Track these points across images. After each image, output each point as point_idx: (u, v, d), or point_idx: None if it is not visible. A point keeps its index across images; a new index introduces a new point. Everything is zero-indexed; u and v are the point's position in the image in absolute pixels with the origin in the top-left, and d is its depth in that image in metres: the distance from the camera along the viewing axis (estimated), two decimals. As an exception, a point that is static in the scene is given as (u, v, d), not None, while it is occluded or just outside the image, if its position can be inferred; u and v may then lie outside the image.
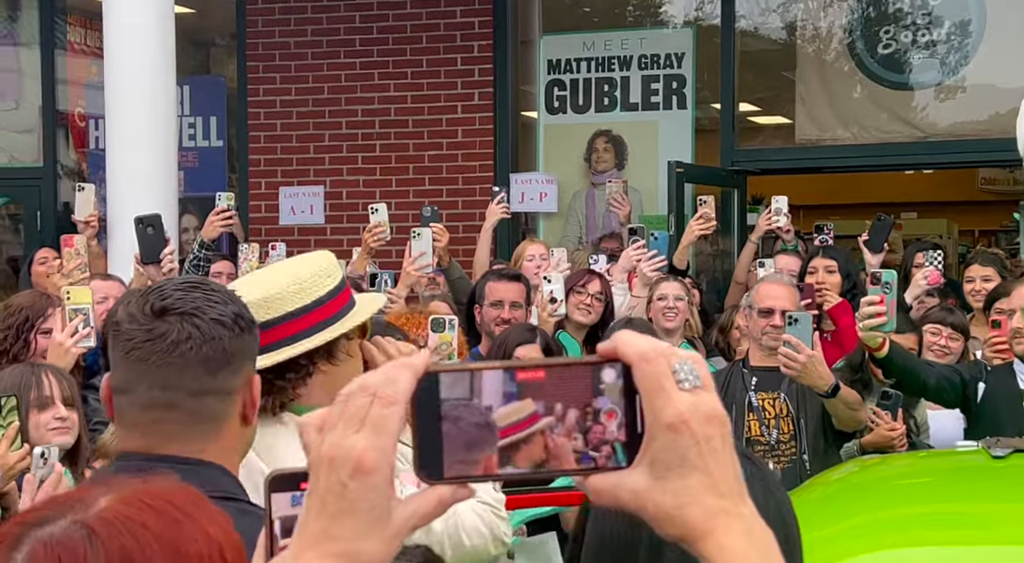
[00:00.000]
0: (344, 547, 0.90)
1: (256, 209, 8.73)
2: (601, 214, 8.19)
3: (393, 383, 0.91)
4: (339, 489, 0.90)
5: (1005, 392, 4.11)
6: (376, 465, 0.90)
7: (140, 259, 4.98)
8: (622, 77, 8.27)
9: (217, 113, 8.99)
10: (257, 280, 2.36)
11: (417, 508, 0.92)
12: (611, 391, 0.92)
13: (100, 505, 1.11)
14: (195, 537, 1.11)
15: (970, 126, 7.82)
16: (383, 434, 0.90)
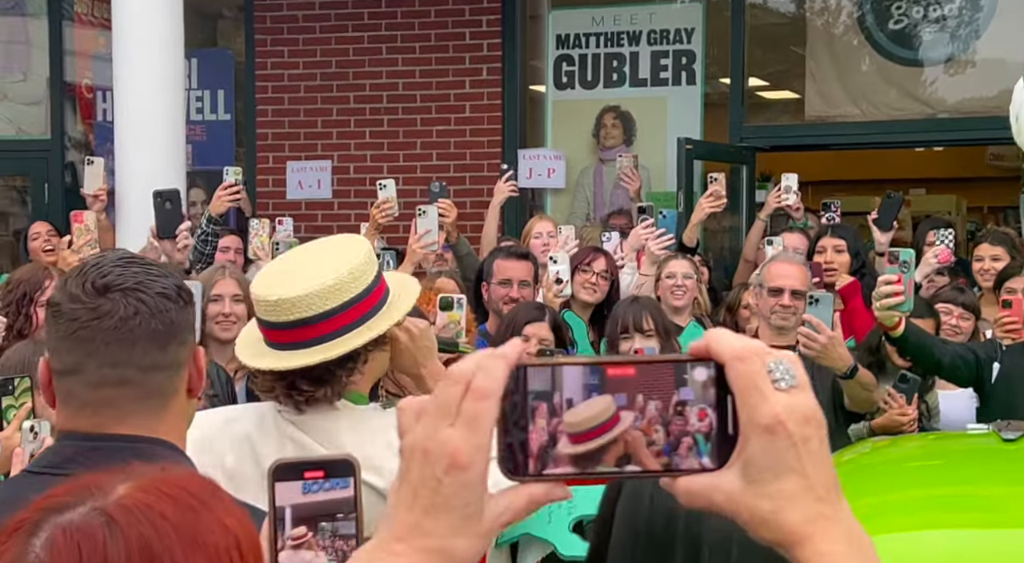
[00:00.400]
0: (438, 543, 0.89)
1: (263, 183, 8.71)
2: (609, 190, 8.17)
3: (486, 374, 0.89)
4: (433, 484, 0.89)
5: (1020, 373, 4.10)
6: (471, 461, 0.89)
7: (156, 233, 4.98)
8: (631, 52, 8.23)
9: (225, 86, 8.96)
10: (311, 264, 2.31)
11: (509, 504, 0.91)
12: (702, 390, 0.90)
13: (119, 492, 1.11)
14: (212, 528, 1.11)
15: (980, 103, 7.77)
16: (478, 429, 0.89)
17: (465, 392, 0.89)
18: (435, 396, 0.90)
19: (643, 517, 1.19)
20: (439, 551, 0.89)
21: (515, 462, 0.91)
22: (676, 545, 1.17)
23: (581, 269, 5.04)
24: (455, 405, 0.89)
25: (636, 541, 1.20)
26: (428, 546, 0.89)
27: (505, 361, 0.90)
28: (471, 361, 0.91)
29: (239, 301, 4.24)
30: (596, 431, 0.90)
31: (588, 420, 0.89)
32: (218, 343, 4.18)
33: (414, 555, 0.89)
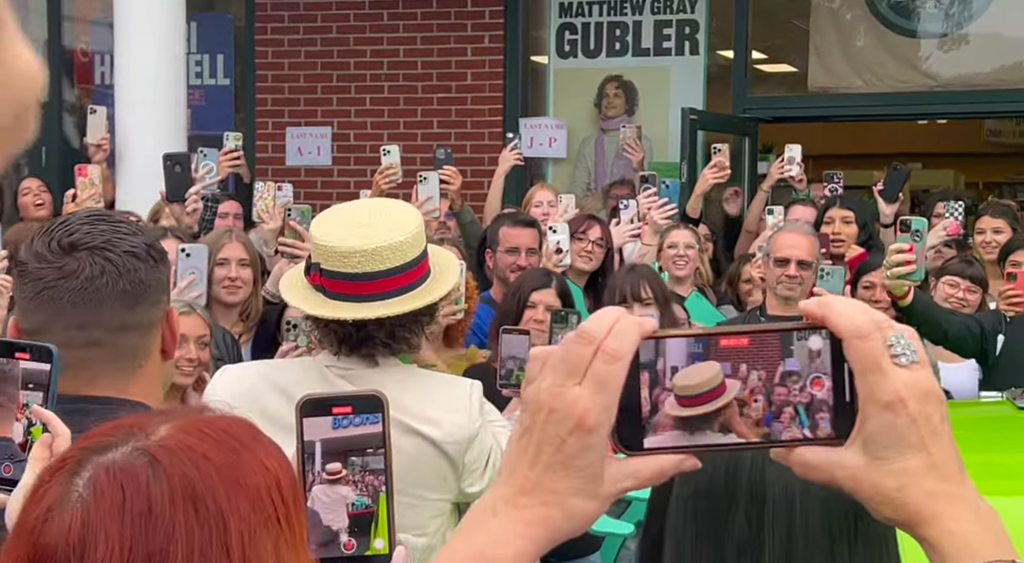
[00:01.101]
0: (558, 500, 0.89)
1: (262, 149, 8.67)
2: (610, 160, 8.14)
3: (620, 338, 0.88)
4: (557, 442, 0.89)
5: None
6: (597, 423, 0.88)
7: (166, 197, 4.95)
8: (634, 21, 8.18)
9: (224, 51, 8.90)
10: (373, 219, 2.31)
11: (634, 471, 0.91)
12: (815, 358, 0.89)
13: (161, 433, 1.10)
14: (254, 469, 1.11)
15: (983, 76, 7.75)
16: (606, 391, 0.88)
17: (596, 352, 0.88)
18: (565, 352, 0.89)
19: (704, 472, 1.18)
20: (560, 507, 0.89)
21: (629, 435, 0.90)
22: (739, 499, 1.16)
23: (576, 237, 5.02)
24: (585, 364, 0.88)
25: (696, 496, 1.19)
26: (550, 501, 0.89)
27: (639, 328, 0.89)
28: (603, 321, 0.90)
29: (245, 265, 4.22)
30: (706, 396, 0.89)
31: (699, 385, 0.89)
32: (223, 306, 4.16)
33: (538, 508, 0.89)
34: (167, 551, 1.04)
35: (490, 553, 0.90)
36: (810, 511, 1.15)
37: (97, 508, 1.05)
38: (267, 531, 1.07)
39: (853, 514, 1.16)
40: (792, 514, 1.15)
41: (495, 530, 0.90)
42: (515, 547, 0.90)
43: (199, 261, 3.88)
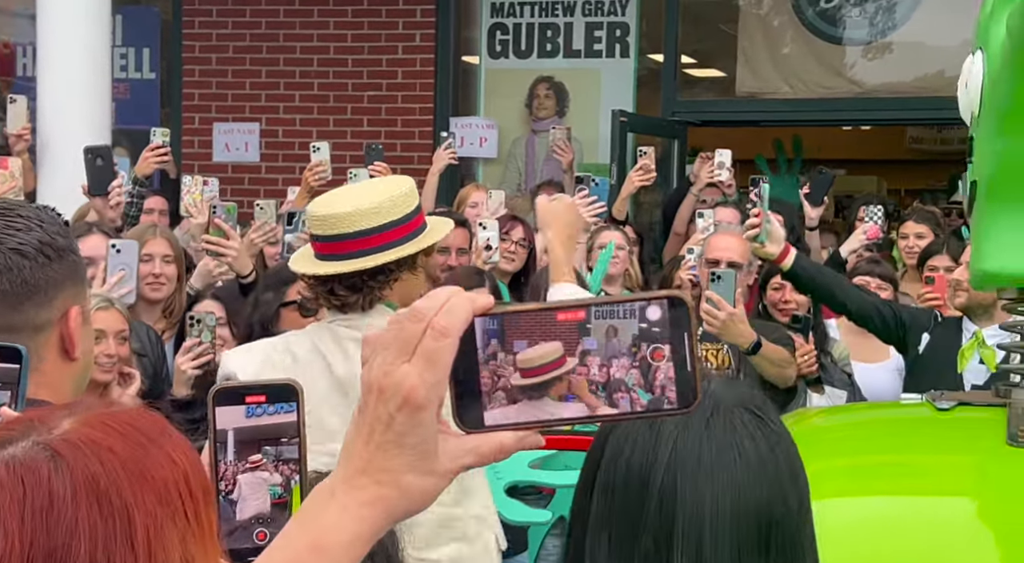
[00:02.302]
0: (393, 478, 0.90)
1: (189, 144, 8.56)
2: (541, 161, 8.16)
3: (450, 314, 0.89)
4: (387, 420, 0.89)
5: (948, 346, 4.17)
6: (425, 400, 0.88)
7: (88, 191, 4.86)
8: (565, 23, 8.21)
9: (150, 45, 8.77)
10: (360, 192, 2.69)
11: (475, 448, 0.91)
12: (659, 329, 0.89)
13: (63, 427, 1.08)
14: (161, 463, 1.09)
15: (907, 84, 7.90)
16: (434, 367, 0.88)
17: (426, 329, 0.88)
18: (396, 331, 0.89)
19: (620, 487, 1.19)
20: (394, 486, 0.90)
21: (468, 414, 0.90)
22: (650, 516, 1.16)
23: (500, 238, 5.02)
24: (414, 342, 0.88)
25: (613, 511, 1.19)
26: (384, 480, 0.90)
27: (471, 304, 0.89)
28: (436, 299, 0.90)
29: (169, 261, 4.17)
30: (545, 368, 0.90)
31: (539, 357, 0.89)
32: (147, 303, 4.10)
33: (372, 488, 0.90)
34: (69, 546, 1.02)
35: (326, 539, 0.90)
36: (719, 530, 1.16)
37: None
38: (174, 525, 1.05)
39: (766, 526, 1.17)
40: (701, 533, 1.15)
41: (331, 515, 0.91)
42: (350, 532, 0.90)
43: (129, 257, 3.82)
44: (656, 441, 1.18)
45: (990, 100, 2.40)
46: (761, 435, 1.20)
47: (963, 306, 4.16)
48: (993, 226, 2.48)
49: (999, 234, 2.46)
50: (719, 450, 1.18)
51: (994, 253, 2.48)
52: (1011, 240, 2.46)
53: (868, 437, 2.87)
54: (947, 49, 7.64)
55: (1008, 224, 2.45)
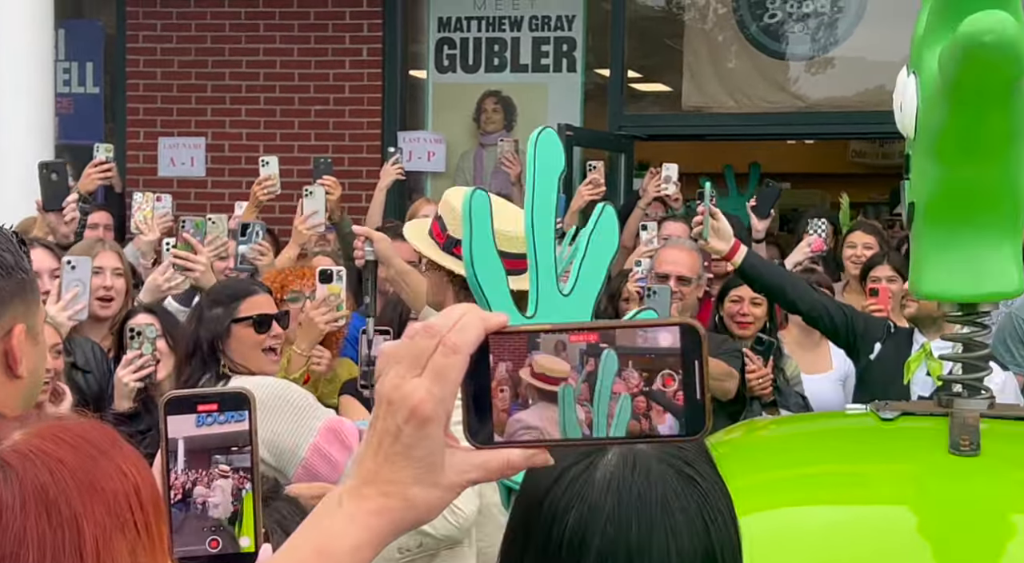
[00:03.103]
0: (399, 490, 0.91)
1: (134, 159, 8.48)
2: (489, 175, 8.18)
3: (462, 332, 0.90)
4: (394, 432, 0.91)
5: (897, 356, 4.22)
6: (432, 414, 0.90)
7: (42, 206, 4.80)
8: (512, 38, 8.24)
9: (94, 59, 8.69)
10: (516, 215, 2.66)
11: (483, 463, 0.92)
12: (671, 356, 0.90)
13: (14, 438, 1.08)
14: (111, 474, 1.09)
15: (849, 98, 8.01)
16: (443, 382, 0.90)
17: (438, 345, 0.90)
18: (409, 345, 0.91)
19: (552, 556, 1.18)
20: (400, 497, 0.91)
21: (479, 429, 0.91)
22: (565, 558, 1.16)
23: None
24: (426, 357, 0.90)
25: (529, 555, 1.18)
26: (390, 491, 0.91)
27: (484, 323, 0.91)
28: (450, 316, 0.91)
29: (119, 274, 4.13)
30: (551, 380, 0.91)
31: (551, 368, 0.91)
32: (94, 319, 4.06)
33: (379, 499, 0.92)
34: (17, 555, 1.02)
35: (330, 545, 0.92)
36: None
37: None
38: (123, 536, 1.06)
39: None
40: None
41: (338, 522, 0.92)
42: (355, 538, 0.91)
43: (83, 273, 3.78)
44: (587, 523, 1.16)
45: (924, 126, 2.45)
46: (692, 503, 1.18)
47: (912, 317, 4.22)
48: (931, 248, 2.53)
49: (936, 256, 2.52)
50: (652, 526, 1.16)
51: (932, 275, 2.54)
52: (948, 263, 2.51)
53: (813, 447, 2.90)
54: (889, 64, 7.76)
55: (944, 246, 2.50)
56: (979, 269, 2.50)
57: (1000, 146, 2.38)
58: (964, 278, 2.51)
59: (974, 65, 2.15)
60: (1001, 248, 2.50)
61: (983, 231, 2.48)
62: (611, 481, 1.17)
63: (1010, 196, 2.46)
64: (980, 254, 2.50)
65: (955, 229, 2.48)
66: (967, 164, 2.41)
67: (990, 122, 2.32)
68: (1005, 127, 2.34)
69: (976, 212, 2.47)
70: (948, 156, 2.41)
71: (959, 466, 2.44)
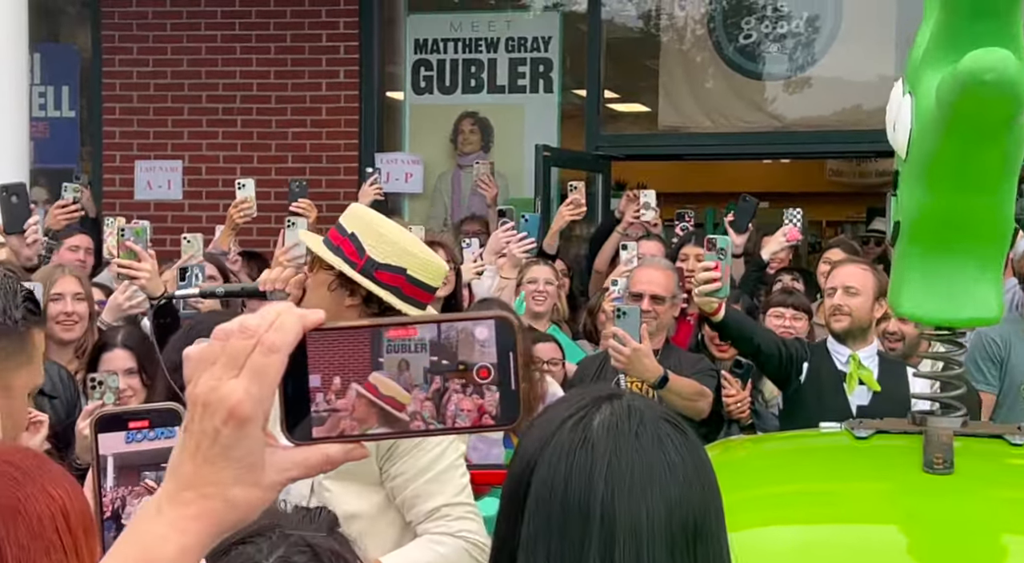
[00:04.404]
0: (219, 491, 0.90)
1: (110, 183, 8.46)
2: (467, 196, 8.18)
3: (280, 331, 0.90)
4: (212, 434, 0.90)
5: (825, 370, 4.22)
6: (252, 414, 0.90)
7: (2, 229, 4.77)
8: (489, 59, 8.26)
9: (70, 83, 8.67)
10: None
11: (303, 460, 0.93)
12: (486, 348, 0.93)
13: None
14: (36, 497, 1.08)
15: (825, 118, 8.05)
16: (262, 383, 0.90)
17: (255, 346, 0.90)
18: (224, 347, 0.91)
19: (557, 504, 1.21)
20: (220, 498, 0.91)
21: (297, 426, 0.92)
22: (592, 534, 1.19)
23: None
24: (243, 357, 0.90)
25: (550, 530, 1.21)
26: (210, 493, 0.91)
27: (301, 321, 0.91)
28: (265, 316, 0.91)
29: (81, 299, 4.11)
30: (387, 399, 0.92)
31: (389, 389, 0.92)
32: (58, 343, 4.03)
33: (199, 502, 0.91)
34: None
35: (153, 554, 0.90)
36: (654, 540, 1.21)
37: None
38: (48, 559, 1.04)
39: (693, 536, 1.23)
40: (639, 545, 1.20)
41: (159, 529, 0.91)
42: (178, 543, 0.90)
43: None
44: (591, 461, 1.23)
45: (917, 150, 2.45)
46: (685, 448, 1.26)
47: (844, 330, 4.22)
48: (913, 269, 2.54)
49: (919, 278, 2.53)
50: (650, 465, 1.24)
51: (913, 296, 2.55)
52: (929, 285, 2.52)
53: (788, 465, 2.90)
54: (864, 84, 7.82)
55: (925, 269, 2.52)
56: (960, 295, 2.52)
57: (992, 178, 2.40)
58: (944, 302, 2.52)
59: (973, 101, 2.17)
60: (983, 275, 2.52)
61: (967, 258, 2.50)
62: (609, 426, 1.25)
63: (997, 227, 2.48)
64: (962, 280, 2.51)
65: (939, 254, 2.49)
66: (957, 193, 2.42)
67: (984, 155, 2.34)
68: (998, 161, 2.36)
69: (962, 240, 2.48)
70: (939, 183, 2.43)
71: (933, 484, 2.44)
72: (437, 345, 0.92)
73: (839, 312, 4.23)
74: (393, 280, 2.61)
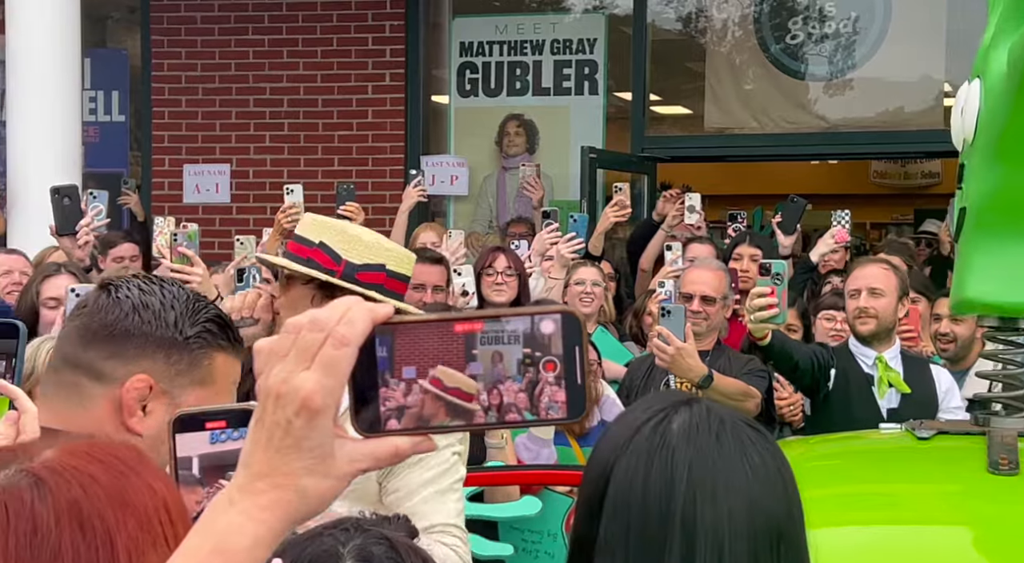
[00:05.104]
0: (291, 481, 0.92)
1: (159, 186, 8.55)
2: (512, 198, 8.19)
3: (350, 324, 0.92)
4: (285, 425, 0.92)
5: (852, 373, 4.17)
6: (323, 405, 0.91)
7: (56, 230, 4.82)
8: (534, 61, 8.28)
9: (119, 87, 8.77)
10: None
11: (372, 452, 0.94)
12: (552, 342, 0.93)
13: (45, 456, 1.10)
14: (141, 490, 1.11)
15: (873, 119, 8.00)
16: (333, 375, 0.91)
17: (326, 339, 0.91)
18: (295, 340, 0.92)
19: (636, 510, 1.21)
20: (293, 489, 0.92)
21: (367, 418, 0.93)
22: (673, 536, 1.18)
23: (485, 273, 4.99)
24: (314, 350, 0.91)
25: (629, 532, 1.21)
26: (282, 484, 0.92)
27: (372, 316, 0.92)
28: (336, 309, 0.93)
29: None
30: (453, 391, 0.94)
31: (457, 381, 0.93)
32: None
33: (271, 492, 0.92)
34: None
35: (228, 543, 0.92)
36: (736, 543, 1.20)
37: None
38: (155, 551, 1.07)
39: (776, 538, 1.22)
40: (721, 548, 1.19)
41: (232, 520, 0.92)
42: (252, 533, 0.92)
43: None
44: (672, 464, 1.22)
45: (986, 129, 2.43)
46: (766, 451, 1.26)
47: (871, 333, 4.18)
48: (978, 254, 2.51)
49: (983, 262, 2.50)
50: (732, 467, 1.23)
51: (976, 281, 2.51)
52: (994, 269, 2.49)
53: (849, 467, 2.88)
54: (912, 85, 7.77)
55: (993, 252, 2.48)
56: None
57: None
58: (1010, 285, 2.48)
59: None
60: (1051, 259, 2.47)
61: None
62: (689, 429, 1.24)
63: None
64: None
65: (1005, 236, 2.46)
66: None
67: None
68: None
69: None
70: (1008, 157, 2.39)
71: (999, 486, 2.42)
72: (503, 337, 0.93)
73: (865, 314, 4.17)
74: (374, 278, 2.63)
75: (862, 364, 4.18)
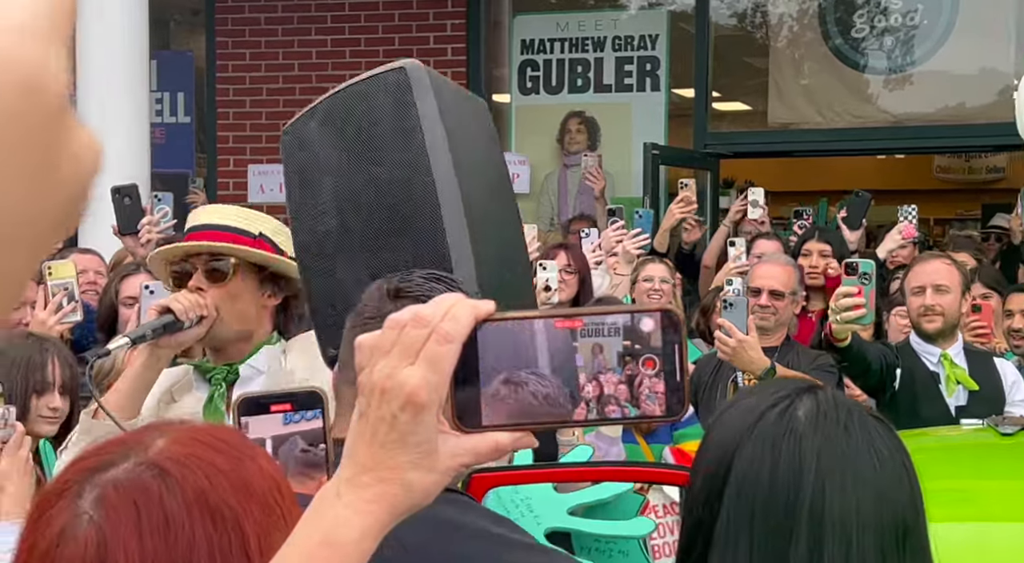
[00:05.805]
0: (397, 475, 0.93)
1: (224, 187, 8.64)
2: (574, 195, 8.18)
3: (455, 321, 0.93)
4: (390, 420, 0.93)
5: (917, 371, 4.10)
6: (428, 401, 0.92)
7: (117, 230, 4.88)
8: (595, 58, 8.26)
9: (185, 89, 8.88)
10: None
11: (473, 447, 0.95)
12: (651, 340, 0.94)
13: (159, 446, 1.10)
14: (257, 473, 1.12)
15: (938, 113, 7.90)
16: (438, 371, 0.92)
17: (430, 335, 0.92)
18: (398, 336, 0.93)
19: (761, 498, 1.20)
20: (398, 482, 0.93)
21: (467, 413, 0.94)
22: (800, 526, 1.18)
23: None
24: (418, 346, 0.92)
25: (753, 518, 1.20)
26: (388, 477, 0.93)
27: (475, 312, 0.93)
28: (440, 306, 0.94)
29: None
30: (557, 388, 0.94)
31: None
32: None
33: (377, 485, 0.93)
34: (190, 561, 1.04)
35: (336, 536, 0.93)
36: (864, 535, 1.20)
37: (111, 526, 1.05)
38: (278, 531, 1.08)
39: (903, 531, 1.20)
40: (849, 540, 1.18)
41: (339, 513, 0.94)
42: (359, 526, 0.93)
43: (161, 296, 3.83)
44: (799, 450, 1.22)
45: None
46: (892, 441, 1.25)
47: (937, 330, 4.11)
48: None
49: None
50: (860, 457, 1.22)
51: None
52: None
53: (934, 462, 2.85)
54: (978, 78, 7.66)
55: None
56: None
57: None
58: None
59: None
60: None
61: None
62: (816, 417, 1.23)
63: None
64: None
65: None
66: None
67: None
68: None
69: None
70: None
71: (1089, 481, 2.39)
72: (603, 333, 0.93)
73: (931, 312, 4.09)
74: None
75: (927, 362, 4.13)
